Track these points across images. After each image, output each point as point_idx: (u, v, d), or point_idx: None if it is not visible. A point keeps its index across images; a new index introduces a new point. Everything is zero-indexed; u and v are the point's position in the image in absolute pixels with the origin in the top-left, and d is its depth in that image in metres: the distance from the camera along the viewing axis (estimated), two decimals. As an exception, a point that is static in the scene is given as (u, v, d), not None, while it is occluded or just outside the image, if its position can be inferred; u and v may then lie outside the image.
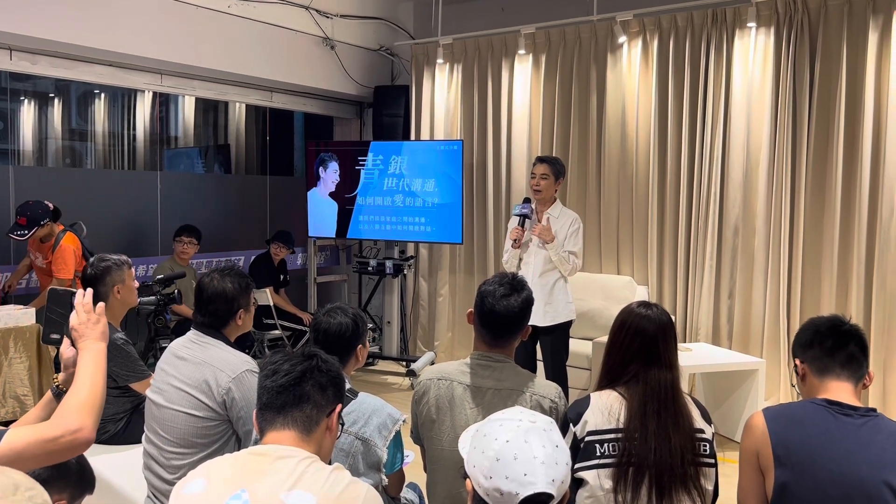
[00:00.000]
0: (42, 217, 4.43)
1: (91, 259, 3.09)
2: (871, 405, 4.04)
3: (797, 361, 2.00)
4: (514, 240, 4.18)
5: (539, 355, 4.32)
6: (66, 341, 1.74)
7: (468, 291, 6.14)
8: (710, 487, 1.98)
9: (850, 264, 4.62)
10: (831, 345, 1.91)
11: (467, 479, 1.32)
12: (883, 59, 4.46)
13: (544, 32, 5.68)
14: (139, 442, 2.56)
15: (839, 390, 1.88)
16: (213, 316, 2.43)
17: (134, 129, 7.58)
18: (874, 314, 4.50)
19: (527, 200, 4.29)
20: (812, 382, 1.94)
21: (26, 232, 4.38)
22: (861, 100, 4.53)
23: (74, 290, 1.77)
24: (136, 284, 3.16)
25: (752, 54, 4.86)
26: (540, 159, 4.33)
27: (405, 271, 6.26)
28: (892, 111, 4.41)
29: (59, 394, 1.75)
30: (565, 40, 5.63)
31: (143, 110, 7.58)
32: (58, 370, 1.81)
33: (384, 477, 2.10)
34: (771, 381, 4.75)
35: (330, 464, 1.53)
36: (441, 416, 2.16)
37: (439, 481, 2.18)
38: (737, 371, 4.47)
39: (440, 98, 6.24)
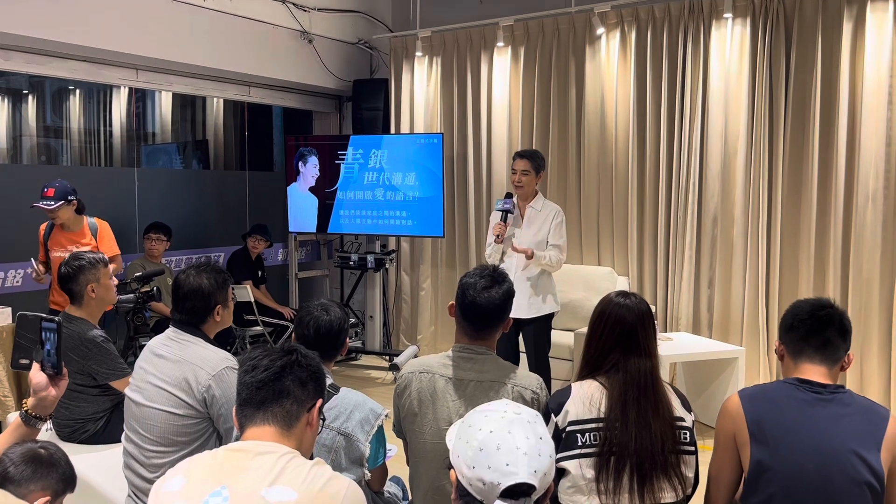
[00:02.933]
0: (70, 193, 4.25)
1: (66, 257, 3.06)
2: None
3: (777, 342, 2.07)
4: (497, 235, 4.18)
5: (522, 347, 4.34)
6: (35, 366, 1.72)
7: (450, 284, 6.14)
8: (690, 475, 2.00)
9: (826, 252, 4.68)
10: (807, 330, 1.98)
11: (451, 470, 1.32)
12: (857, 48, 4.51)
13: (523, 24, 5.68)
14: (119, 441, 2.54)
15: (812, 372, 1.95)
16: (191, 313, 2.42)
17: (110, 125, 7.48)
18: (851, 300, 4.56)
19: (508, 195, 4.29)
20: (788, 364, 2.02)
21: (52, 203, 4.19)
22: (836, 89, 4.58)
23: (43, 315, 1.75)
24: (115, 282, 3.13)
25: (729, 45, 4.89)
26: (519, 154, 4.30)
27: (387, 265, 6.25)
28: (866, 100, 4.46)
29: (27, 419, 1.73)
30: (544, 32, 5.63)
31: (120, 106, 7.48)
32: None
33: (367, 472, 2.10)
34: (751, 369, 4.80)
35: (311, 459, 1.53)
36: (423, 409, 2.16)
37: (422, 474, 2.18)
38: (717, 359, 4.52)
39: (419, 91, 6.22)
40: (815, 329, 1.97)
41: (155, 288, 4.05)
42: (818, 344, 1.96)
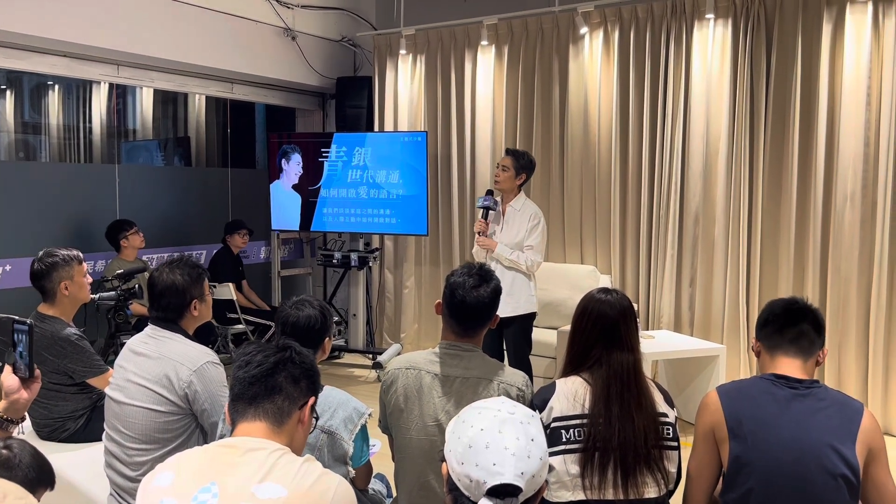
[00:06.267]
0: None
1: (39, 254, 3.02)
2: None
3: (754, 340, 2.10)
4: (479, 232, 4.21)
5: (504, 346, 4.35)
6: (7, 368, 1.70)
7: (434, 283, 6.15)
8: (673, 470, 2.02)
9: (806, 251, 4.74)
10: (782, 323, 2.02)
11: (444, 463, 1.32)
12: (836, 50, 4.56)
13: (507, 23, 5.69)
14: (100, 440, 2.51)
15: (787, 366, 1.98)
16: (167, 310, 2.40)
17: (90, 121, 7.40)
18: (829, 299, 4.62)
19: (489, 192, 4.31)
20: (765, 359, 2.05)
21: None
22: (815, 90, 4.64)
23: (15, 317, 1.73)
24: (89, 280, 3.09)
25: (711, 45, 4.93)
26: (508, 151, 4.35)
27: (370, 263, 6.24)
28: (845, 100, 4.52)
29: None
30: (527, 31, 5.64)
31: (100, 102, 7.40)
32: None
33: (351, 470, 2.09)
34: (731, 367, 4.85)
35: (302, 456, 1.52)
36: (409, 406, 2.16)
37: (407, 470, 2.19)
38: (698, 357, 4.56)
39: (403, 89, 6.21)
40: (790, 321, 2.01)
41: (137, 285, 4.01)
42: (793, 336, 2.00)
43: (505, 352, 4.34)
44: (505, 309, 4.11)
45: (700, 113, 5.00)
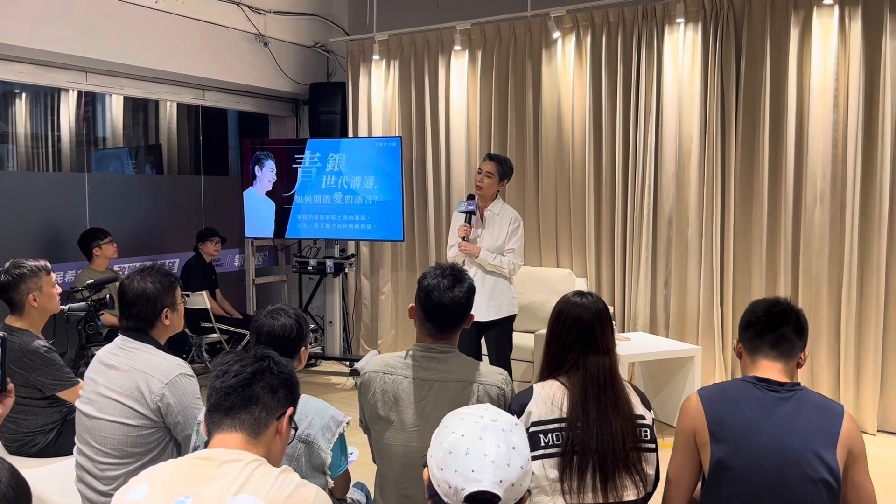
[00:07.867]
0: None
1: (6, 265, 2.95)
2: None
3: (735, 341, 2.11)
4: (463, 237, 4.20)
5: (484, 349, 4.35)
6: None
7: (410, 288, 6.13)
8: (651, 472, 2.02)
9: (777, 251, 4.80)
10: (762, 327, 2.02)
11: (425, 468, 1.31)
12: (804, 52, 4.64)
13: (479, 28, 5.71)
14: (71, 454, 2.46)
15: (768, 369, 1.99)
16: (138, 319, 2.35)
17: (59, 129, 7.28)
18: (801, 298, 4.68)
19: (470, 197, 4.31)
20: (746, 361, 2.07)
21: None
22: (784, 92, 4.71)
23: None
24: (58, 290, 3.03)
25: (682, 49, 4.99)
26: (489, 156, 4.33)
27: (346, 270, 6.20)
28: (813, 102, 4.59)
29: None
30: (500, 36, 5.66)
31: (68, 110, 7.28)
32: None
33: (330, 479, 2.07)
34: (707, 367, 4.89)
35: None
36: (387, 412, 2.15)
37: (388, 476, 2.17)
38: (674, 358, 4.59)
39: (377, 95, 6.20)
40: (771, 325, 2.01)
41: (108, 295, 3.95)
42: (773, 340, 2.00)
43: (486, 355, 4.35)
44: (488, 313, 4.16)
45: (672, 116, 5.05)
